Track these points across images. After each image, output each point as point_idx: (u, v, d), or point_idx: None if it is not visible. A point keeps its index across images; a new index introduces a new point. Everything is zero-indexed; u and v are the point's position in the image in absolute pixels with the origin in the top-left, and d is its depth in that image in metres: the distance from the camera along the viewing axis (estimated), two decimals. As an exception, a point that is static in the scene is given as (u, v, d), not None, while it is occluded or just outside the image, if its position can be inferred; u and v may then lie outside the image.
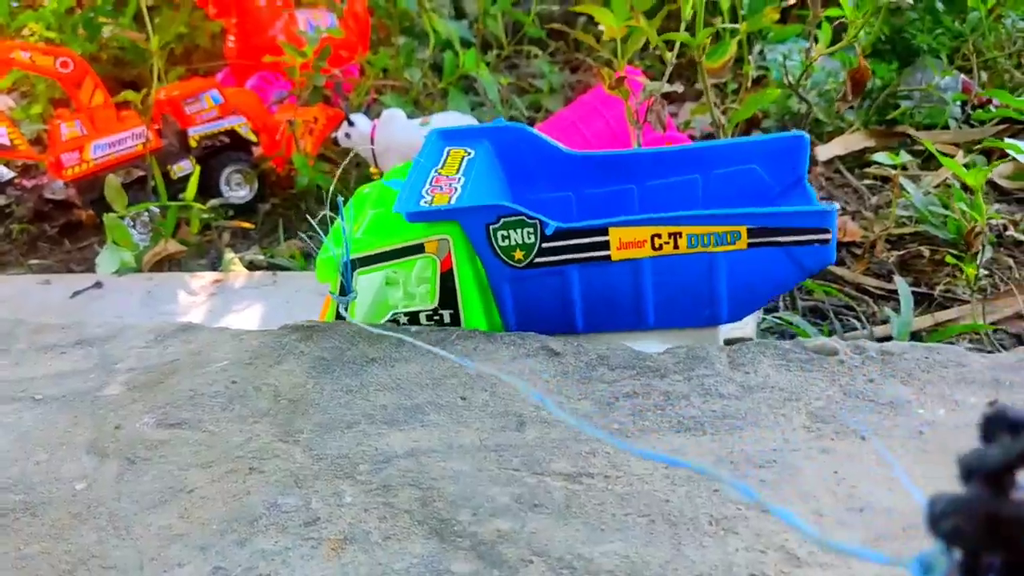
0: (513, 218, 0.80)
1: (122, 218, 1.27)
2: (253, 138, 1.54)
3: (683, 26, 1.17)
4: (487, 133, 0.95)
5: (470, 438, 0.69)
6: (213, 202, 1.43)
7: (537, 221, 0.80)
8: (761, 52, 1.78)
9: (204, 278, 1.28)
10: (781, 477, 0.62)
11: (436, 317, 0.84)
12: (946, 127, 1.43)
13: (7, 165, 1.72)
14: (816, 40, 1.26)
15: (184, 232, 1.40)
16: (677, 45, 1.11)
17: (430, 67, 1.68)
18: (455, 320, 0.84)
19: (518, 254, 0.81)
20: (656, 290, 0.81)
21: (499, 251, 0.81)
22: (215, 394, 0.78)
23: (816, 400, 0.69)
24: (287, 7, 1.85)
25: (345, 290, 0.84)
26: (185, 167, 1.50)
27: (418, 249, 0.83)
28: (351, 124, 1.45)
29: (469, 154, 0.92)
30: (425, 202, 0.83)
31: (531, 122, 1.64)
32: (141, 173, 1.46)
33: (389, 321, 0.86)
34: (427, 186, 0.86)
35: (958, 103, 1.47)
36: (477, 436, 0.69)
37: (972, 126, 1.44)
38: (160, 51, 1.49)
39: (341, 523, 0.63)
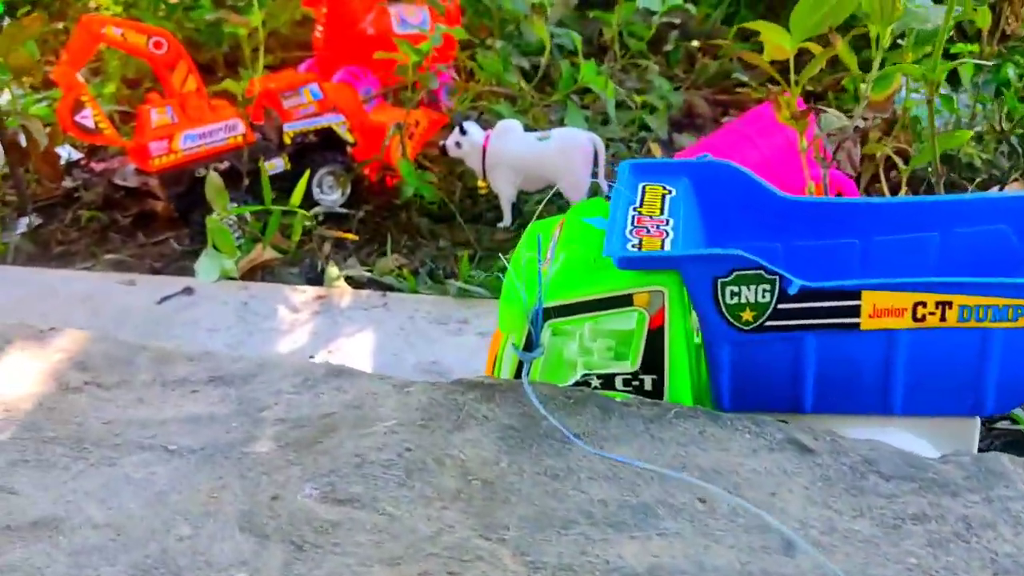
0: (749, 272, 0.66)
1: (222, 220, 1.13)
2: (350, 138, 1.39)
3: (878, 56, 1.04)
4: (687, 169, 0.81)
5: (725, 558, 0.55)
6: (318, 209, 1.29)
7: (777, 277, 0.66)
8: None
9: (306, 293, 1.14)
10: None
11: (635, 383, 0.70)
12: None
13: (75, 146, 1.57)
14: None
15: (277, 238, 1.26)
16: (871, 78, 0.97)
17: (533, 74, 1.54)
18: (657, 388, 0.70)
19: (747, 314, 0.67)
20: (910, 368, 0.67)
21: (725, 309, 0.68)
22: (388, 463, 0.63)
23: None
24: (380, 0, 1.71)
25: (532, 344, 0.70)
26: (277, 165, 1.35)
27: (625, 301, 0.69)
28: (463, 132, 1.31)
29: (669, 192, 0.78)
30: (632, 246, 0.69)
31: (640, 143, 1.50)
32: (224, 167, 1.31)
33: (578, 384, 0.72)
34: (630, 226, 0.72)
35: None
36: (734, 557, 0.55)
37: None
38: (262, 40, 1.35)
39: (583, 666, 0.49)
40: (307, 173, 1.27)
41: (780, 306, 0.67)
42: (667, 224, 0.73)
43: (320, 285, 1.17)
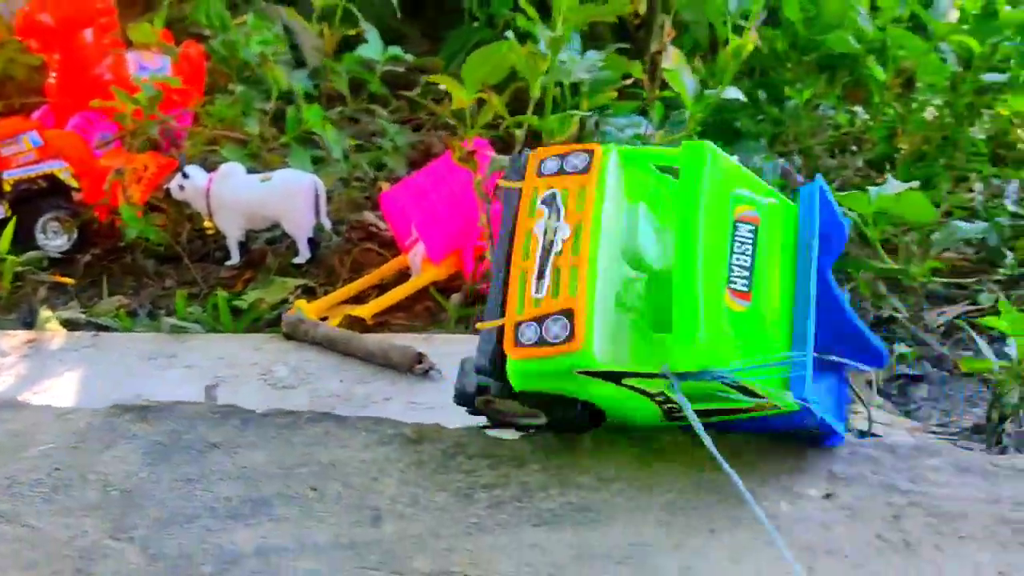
0: None
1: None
2: (75, 184, 1.43)
3: (531, 104, 1.21)
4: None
5: (324, 535, 0.66)
6: (30, 254, 1.32)
7: None
8: (597, 124, 1.85)
9: (15, 337, 1.17)
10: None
11: None
12: (766, 208, 1.54)
13: None
14: (649, 119, 1.33)
15: (-4, 284, 1.28)
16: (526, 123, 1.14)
17: (271, 119, 1.63)
18: None
19: None
20: None
21: None
22: (36, 483, 0.71)
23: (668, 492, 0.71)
24: (116, 46, 1.75)
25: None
26: (-2, 212, 1.38)
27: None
28: (185, 176, 1.38)
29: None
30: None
31: (374, 181, 1.63)
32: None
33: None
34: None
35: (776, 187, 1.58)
36: (332, 532, 0.66)
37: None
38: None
39: (183, 633, 0.59)
40: (14, 219, 1.30)
41: None
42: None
43: (33, 328, 1.21)
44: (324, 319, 1.21)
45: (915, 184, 1.14)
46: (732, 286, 0.75)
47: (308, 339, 1.14)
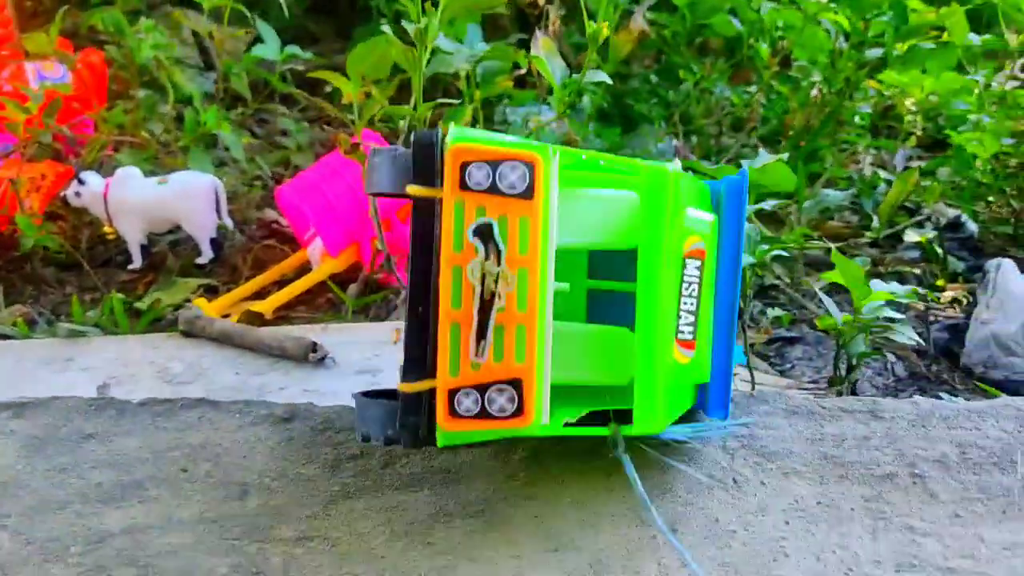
0: None
1: None
2: (-30, 196, 1.44)
3: (414, 96, 1.24)
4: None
5: (191, 511, 0.69)
6: (-80, 267, 1.33)
7: None
8: (504, 113, 1.90)
9: (-91, 350, 1.18)
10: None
11: None
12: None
13: None
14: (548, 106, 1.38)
15: None
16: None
17: (175, 122, 1.65)
18: None
19: None
20: None
21: None
22: (-90, 481, 0.73)
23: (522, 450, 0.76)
24: (15, 57, 1.76)
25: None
26: None
27: None
28: (81, 183, 1.40)
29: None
30: None
31: (278, 180, 1.65)
32: None
33: None
34: None
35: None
36: (198, 508, 0.70)
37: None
38: None
39: (49, 610, 0.62)
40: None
41: None
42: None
43: (-72, 341, 1.21)
44: (226, 316, 1.24)
45: (783, 156, 1.20)
46: (680, 336, 0.68)
47: (205, 335, 1.17)
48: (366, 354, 1.12)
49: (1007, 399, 0.81)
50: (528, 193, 0.60)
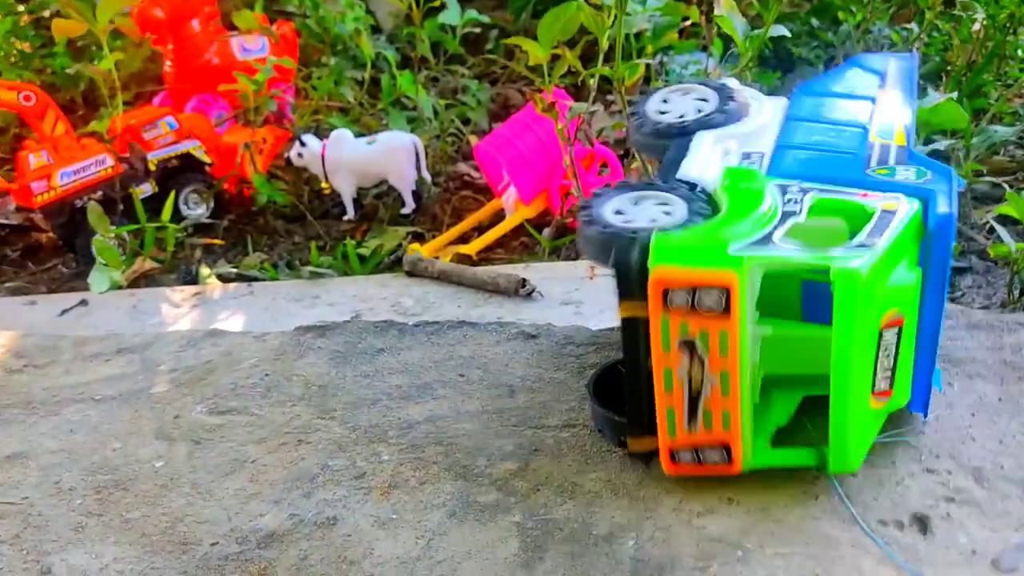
0: None
1: (106, 240, 1.44)
2: (208, 159, 1.71)
3: (601, 55, 1.42)
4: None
5: (474, 405, 0.91)
6: (186, 222, 1.60)
7: None
8: (662, 64, 2.06)
9: (184, 292, 1.45)
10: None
11: None
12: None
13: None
14: (710, 55, 1.53)
15: (154, 251, 1.57)
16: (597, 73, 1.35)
17: (360, 85, 1.88)
18: None
19: None
20: None
21: None
22: (254, 385, 0.98)
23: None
24: (220, 33, 2.02)
25: None
26: (146, 189, 1.66)
27: None
28: (303, 144, 1.64)
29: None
30: None
31: (460, 135, 1.86)
32: (101, 196, 1.62)
33: None
34: None
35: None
36: (479, 404, 0.92)
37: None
38: (117, 83, 1.65)
39: (384, 475, 0.85)
40: (172, 193, 1.58)
41: None
42: None
43: (195, 284, 1.49)
44: (436, 258, 1.47)
45: (952, 95, 1.31)
46: (876, 389, 0.75)
47: (427, 274, 1.39)
48: (567, 288, 1.31)
49: None
50: (726, 312, 0.70)
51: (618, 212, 0.79)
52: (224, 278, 1.52)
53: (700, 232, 0.74)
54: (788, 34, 1.23)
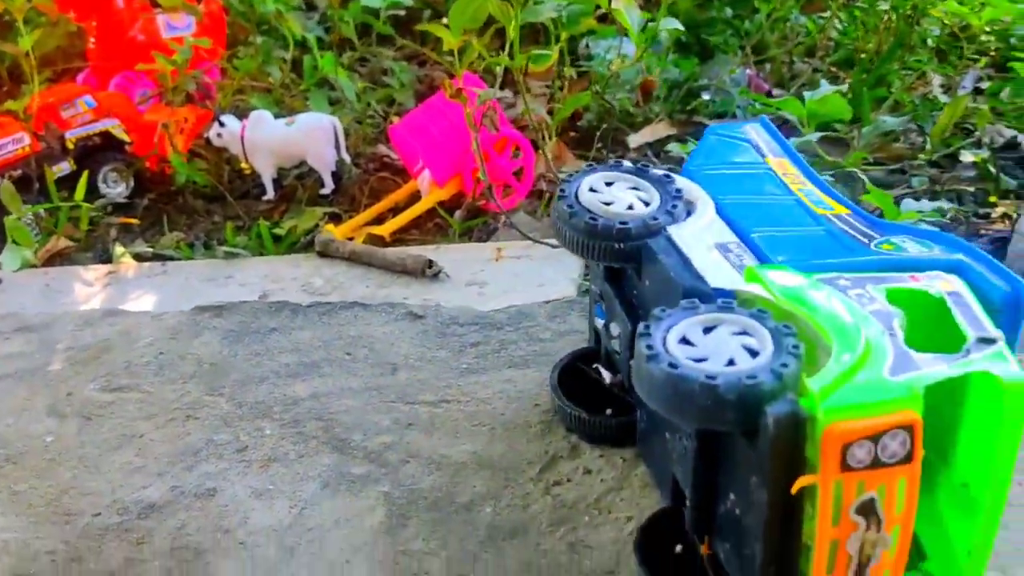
0: None
1: (19, 219, 1.46)
2: (127, 138, 1.73)
3: (507, 44, 1.46)
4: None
5: (357, 383, 0.96)
6: (101, 201, 1.63)
7: None
8: (587, 46, 2.10)
9: (98, 270, 1.48)
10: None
11: None
12: (733, 116, 1.79)
13: None
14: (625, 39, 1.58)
15: (70, 229, 1.59)
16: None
17: (285, 64, 1.91)
18: None
19: None
20: None
21: None
22: (147, 364, 1.02)
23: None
24: (145, 10, 2.03)
25: None
26: (64, 168, 1.68)
27: None
28: (222, 124, 1.67)
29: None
30: None
31: (385, 116, 1.90)
32: (17, 174, 1.63)
33: None
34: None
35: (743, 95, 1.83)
36: (363, 381, 0.97)
37: (755, 116, 1.81)
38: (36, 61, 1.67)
39: (265, 449, 0.90)
40: (85, 172, 1.61)
41: None
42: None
43: (110, 263, 1.52)
44: (350, 239, 1.51)
45: (842, 87, 1.38)
46: None
47: (338, 255, 1.44)
48: (474, 269, 1.36)
49: None
50: (908, 458, 0.59)
51: (684, 342, 0.64)
52: (140, 257, 1.56)
53: (837, 367, 0.62)
54: (680, 27, 1.28)
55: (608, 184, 0.82)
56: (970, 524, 0.67)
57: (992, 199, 1.50)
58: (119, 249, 1.54)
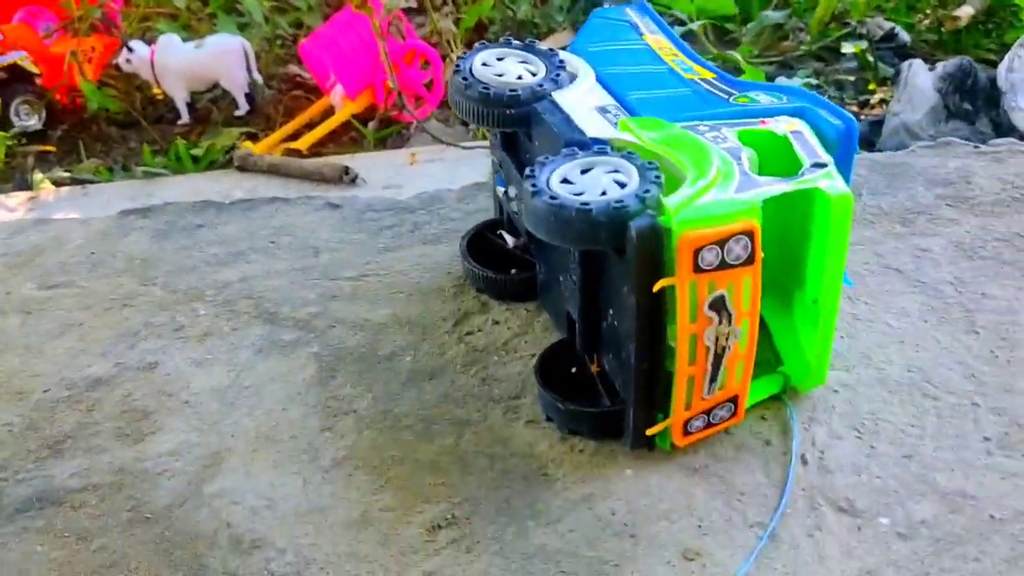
0: None
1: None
2: (36, 70, 1.77)
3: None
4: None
5: (282, 265, 1.06)
6: (14, 130, 1.67)
7: None
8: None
9: (18, 197, 1.54)
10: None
11: None
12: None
13: None
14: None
15: (-14, 160, 1.63)
16: (410, -32, 1.48)
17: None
18: None
19: None
20: None
21: None
22: (79, 263, 1.10)
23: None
24: (43, -59, 2.03)
25: None
26: (-26, 102, 1.71)
27: None
28: (130, 51, 1.72)
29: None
30: None
31: (294, 39, 1.96)
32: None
33: None
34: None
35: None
36: (287, 264, 1.06)
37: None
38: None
39: (200, 326, 0.99)
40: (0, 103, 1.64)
41: None
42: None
43: (30, 190, 1.57)
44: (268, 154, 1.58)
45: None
46: None
47: (256, 168, 1.51)
48: (389, 174, 1.45)
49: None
50: (750, 259, 0.71)
51: (565, 182, 0.76)
52: (59, 183, 1.61)
53: (690, 189, 0.73)
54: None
55: (499, 59, 0.92)
56: (815, 332, 0.81)
57: (872, 87, 1.64)
58: (38, 175, 1.59)
